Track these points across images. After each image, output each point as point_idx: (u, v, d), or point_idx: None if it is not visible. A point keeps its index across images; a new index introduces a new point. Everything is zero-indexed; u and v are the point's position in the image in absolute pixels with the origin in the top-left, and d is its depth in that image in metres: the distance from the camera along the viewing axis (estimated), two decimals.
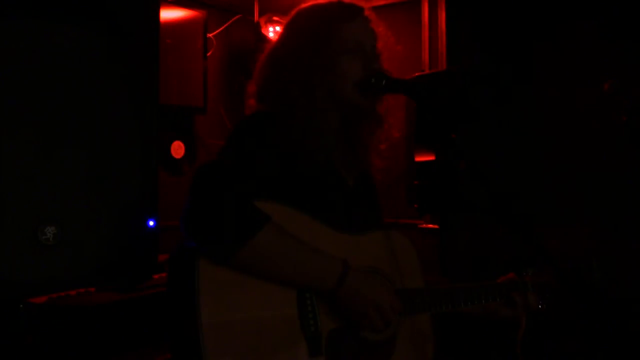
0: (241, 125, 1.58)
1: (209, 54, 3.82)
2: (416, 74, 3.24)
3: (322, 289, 1.48)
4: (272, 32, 3.89)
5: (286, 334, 1.44)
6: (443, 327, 1.79)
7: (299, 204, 1.52)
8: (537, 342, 3.10)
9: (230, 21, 4.12)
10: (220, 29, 4.04)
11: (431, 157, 3.04)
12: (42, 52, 1.43)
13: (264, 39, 3.77)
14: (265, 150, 1.51)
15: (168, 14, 3.57)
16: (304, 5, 1.72)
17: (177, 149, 3.75)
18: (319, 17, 1.66)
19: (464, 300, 1.74)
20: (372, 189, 1.86)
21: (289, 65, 1.62)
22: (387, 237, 1.69)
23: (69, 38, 1.47)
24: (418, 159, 3.12)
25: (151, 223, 1.60)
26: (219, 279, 1.39)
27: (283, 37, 1.70)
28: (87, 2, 1.51)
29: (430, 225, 3.74)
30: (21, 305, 1.63)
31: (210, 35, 3.88)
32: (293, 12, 1.73)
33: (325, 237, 1.55)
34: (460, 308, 1.74)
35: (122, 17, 1.56)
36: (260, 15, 3.96)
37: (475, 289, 1.77)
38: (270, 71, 1.68)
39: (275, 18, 3.91)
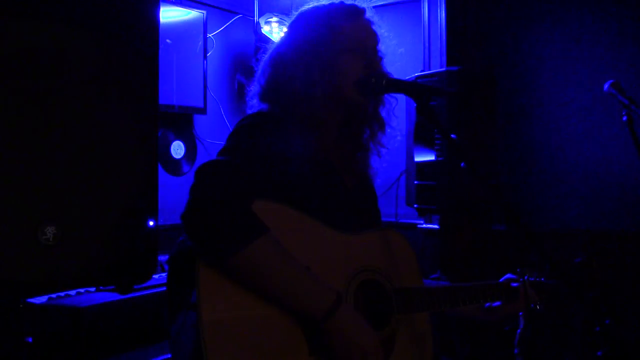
0: (242, 124, 1.58)
1: (209, 54, 3.83)
2: (416, 74, 3.24)
3: (310, 316, 1.43)
4: (272, 32, 3.89)
5: (286, 332, 1.43)
6: (442, 326, 1.79)
7: (298, 204, 1.52)
8: (536, 342, 3.10)
9: (230, 21, 4.12)
10: (220, 29, 4.04)
11: (431, 157, 3.04)
12: (42, 52, 1.43)
13: (264, 39, 3.77)
14: (265, 150, 1.51)
15: (168, 14, 3.57)
16: (306, 6, 1.73)
17: (177, 149, 3.75)
18: (321, 16, 1.67)
19: (463, 299, 1.74)
20: (371, 191, 1.87)
21: (290, 64, 1.63)
22: (385, 236, 1.69)
23: (68, 38, 1.47)
24: (418, 159, 3.12)
25: (151, 223, 1.60)
26: (219, 277, 1.38)
27: (285, 37, 1.71)
28: (87, 2, 1.51)
29: (430, 225, 3.75)
30: (21, 305, 1.63)
31: (210, 35, 3.89)
32: (296, 13, 1.74)
33: (323, 237, 1.55)
34: (459, 308, 1.74)
35: (122, 17, 1.56)
36: (260, 15, 3.96)
37: (474, 289, 1.77)
38: (272, 70, 1.68)
39: (274, 18, 3.91)
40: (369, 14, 1.70)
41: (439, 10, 3.78)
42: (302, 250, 1.49)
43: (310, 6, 1.72)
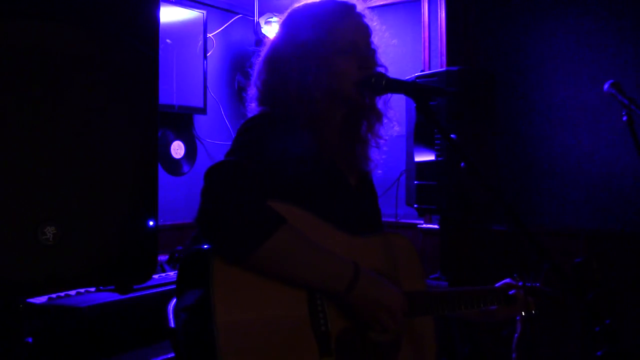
0: (247, 126, 1.58)
1: (209, 54, 3.83)
2: (416, 74, 3.24)
3: (334, 292, 1.47)
4: (272, 32, 3.90)
5: (297, 334, 1.44)
6: (442, 326, 1.79)
7: (304, 204, 1.52)
8: (533, 346, 3.10)
9: (230, 21, 4.12)
10: (220, 29, 4.05)
11: (431, 157, 3.04)
12: (42, 52, 1.43)
13: (264, 39, 3.77)
14: (271, 151, 1.51)
15: (168, 14, 3.57)
16: (297, 5, 1.72)
17: (177, 149, 3.75)
18: (314, 16, 1.66)
19: (464, 303, 1.75)
20: (372, 189, 1.87)
21: (287, 66, 1.63)
22: (389, 239, 1.69)
23: (68, 38, 1.47)
24: (418, 159, 3.12)
25: (151, 223, 1.60)
26: (232, 279, 1.39)
27: (278, 38, 1.71)
28: (87, 1, 1.51)
29: (430, 225, 3.75)
30: (21, 305, 1.63)
31: (210, 35, 3.89)
32: (287, 12, 1.73)
33: (330, 238, 1.55)
34: (460, 311, 1.74)
35: (122, 17, 1.56)
36: (260, 15, 3.96)
37: (474, 293, 1.78)
38: (268, 73, 1.68)
39: (274, 18, 3.92)
40: (359, 8, 1.70)
41: (439, 10, 3.78)
42: None
43: (302, 5, 1.71)
